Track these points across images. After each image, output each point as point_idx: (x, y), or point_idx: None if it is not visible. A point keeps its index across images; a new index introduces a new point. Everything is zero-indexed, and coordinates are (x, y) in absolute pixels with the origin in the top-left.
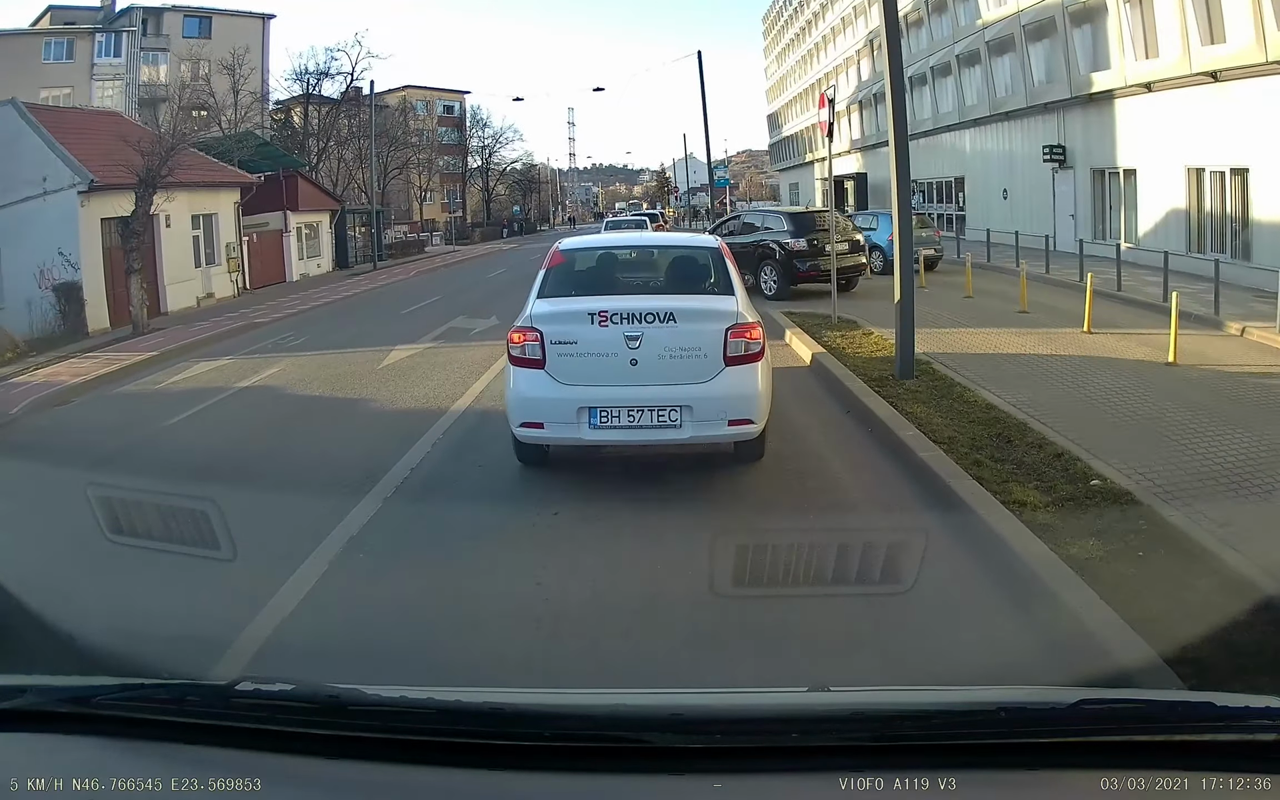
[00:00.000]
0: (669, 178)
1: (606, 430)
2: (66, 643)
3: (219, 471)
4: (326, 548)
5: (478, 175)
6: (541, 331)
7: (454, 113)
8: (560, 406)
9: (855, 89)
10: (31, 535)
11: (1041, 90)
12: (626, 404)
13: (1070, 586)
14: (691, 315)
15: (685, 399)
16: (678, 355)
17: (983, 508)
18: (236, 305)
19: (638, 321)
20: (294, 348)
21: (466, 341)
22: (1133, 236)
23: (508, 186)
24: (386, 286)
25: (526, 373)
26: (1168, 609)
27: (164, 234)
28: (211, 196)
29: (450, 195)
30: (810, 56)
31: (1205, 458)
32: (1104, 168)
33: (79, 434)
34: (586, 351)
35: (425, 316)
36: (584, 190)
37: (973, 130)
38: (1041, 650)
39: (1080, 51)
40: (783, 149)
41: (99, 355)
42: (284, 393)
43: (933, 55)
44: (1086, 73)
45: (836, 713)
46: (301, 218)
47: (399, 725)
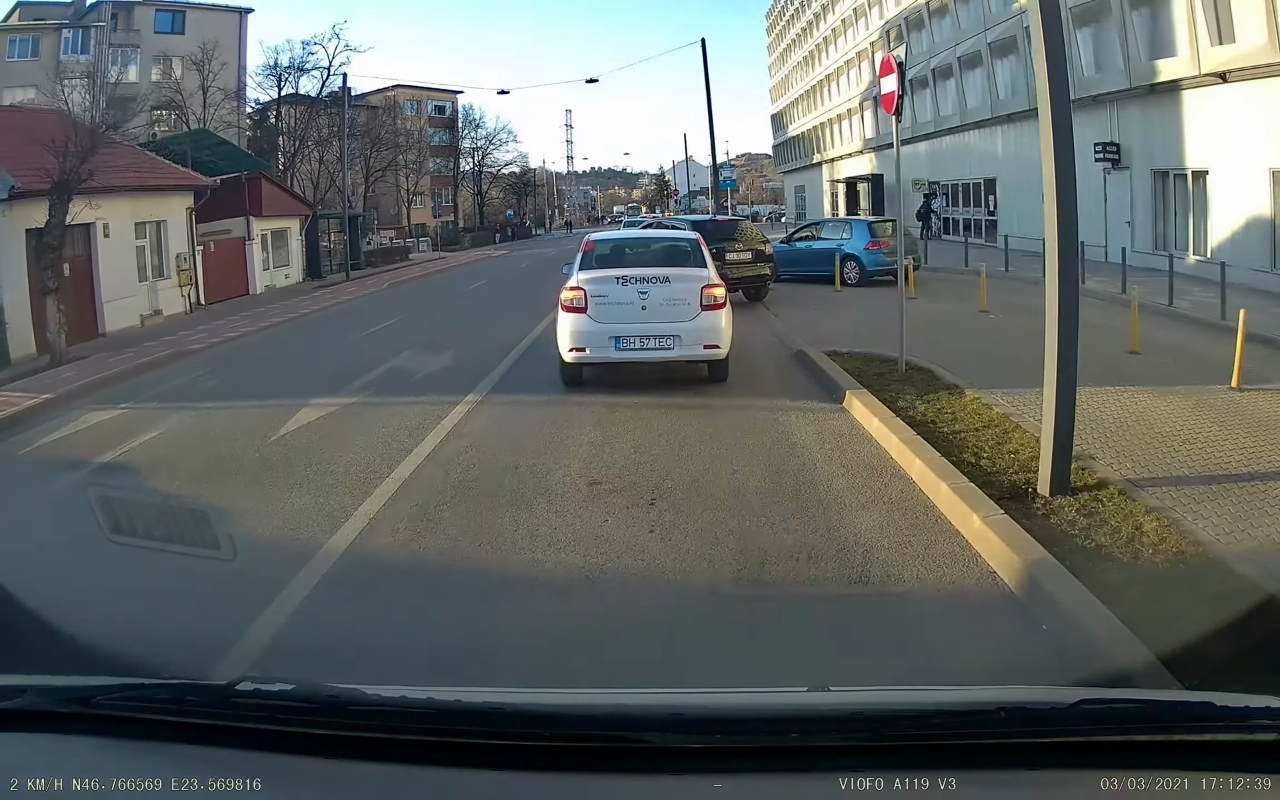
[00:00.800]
0: (668, 181)
1: (627, 351)
2: (67, 643)
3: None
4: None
5: (471, 178)
6: (585, 289)
7: (445, 113)
8: (598, 336)
9: (868, 84)
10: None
11: (1091, 81)
12: (639, 334)
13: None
14: (680, 279)
15: (676, 331)
16: (671, 303)
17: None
18: (184, 325)
19: (646, 283)
20: (199, 395)
21: (402, 395)
22: (1202, 248)
23: (501, 190)
24: (350, 303)
25: (575, 316)
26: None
27: (101, 245)
28: (159, 202)
29: (439, 198)
30: (818, 52)
31: None
32: (1167, 169)
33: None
34: (614, 302)
35: (372, 348)
36: (582, 194)
37: (1006, 127)
38: None
39: (1140, 36)
40: (788, 150)
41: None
42: (118, 490)
43: (959, 45)
44: (1147, 61)
45: (836, 713)
46: (267, 224)
47: (399, 725)
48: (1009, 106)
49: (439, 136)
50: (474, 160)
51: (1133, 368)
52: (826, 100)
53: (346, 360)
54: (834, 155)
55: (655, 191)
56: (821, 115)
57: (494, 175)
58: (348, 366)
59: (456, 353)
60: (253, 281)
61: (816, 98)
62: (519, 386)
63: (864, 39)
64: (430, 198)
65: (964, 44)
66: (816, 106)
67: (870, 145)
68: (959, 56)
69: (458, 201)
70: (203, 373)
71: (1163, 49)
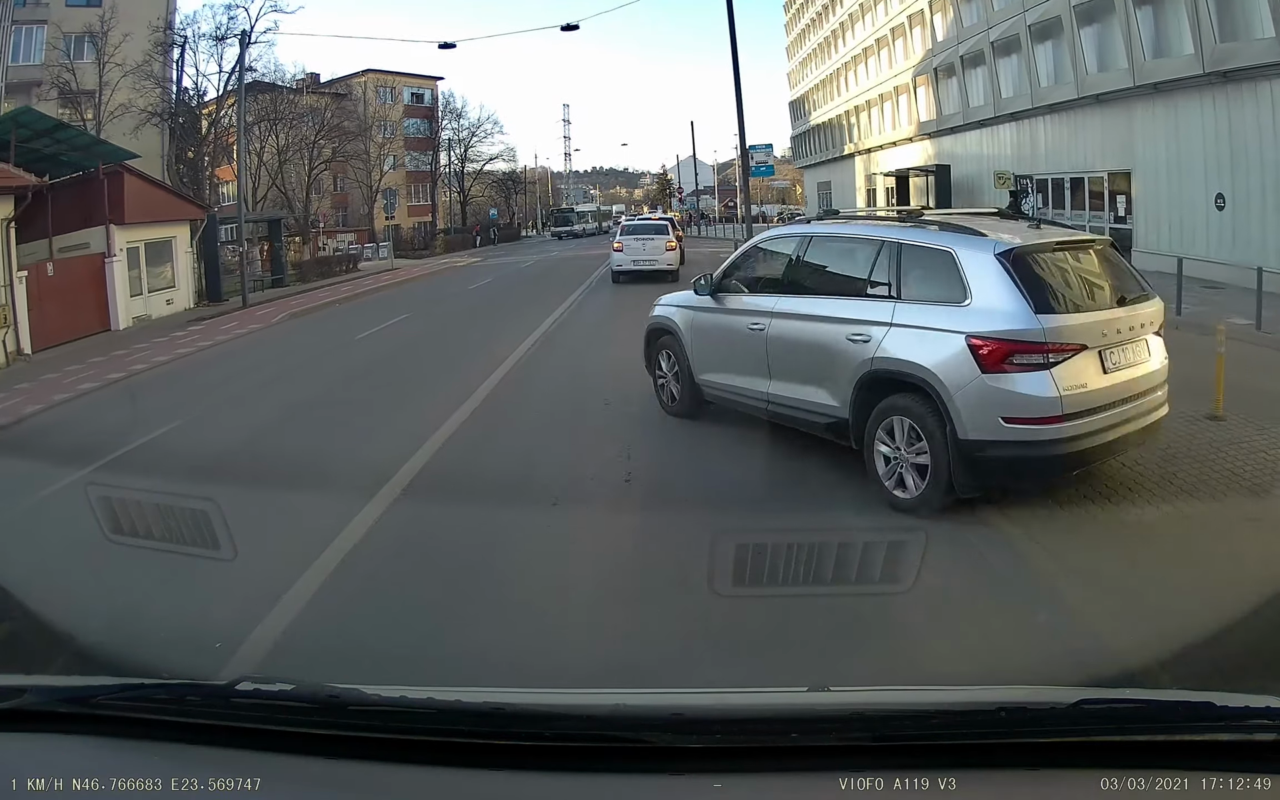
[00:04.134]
0: (670, 179)
1: (637, 267)
2: (67, 642)
3: None
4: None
5: (454, 174)
6: (622, 242)
7: (423, 101)
8: (625, 261)
9: (925, 55)
10: None
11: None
12: (641, 259)
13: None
14: (658, 238)
15: (655, 259)
16: (654, 247)
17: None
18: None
19: (643, 239)
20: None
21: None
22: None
23: (486, 187)
24: (208, 353)
25: (618, 253)
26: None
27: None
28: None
29: (417, 195)
30: (850, 22)
31: None
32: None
33: None
34: (631, 245)
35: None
36: (581, 193)
37: (1149, 101)
38: None
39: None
40: (809, 142)
41: None
42: None
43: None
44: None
45: (836, 713)
46: (138, 234)
47: (399, 725)
48: (1159, 73)
49: (416, 126)
50: (455, 154)
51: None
52: (862, 80)
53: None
54: (872, 144)
55: (657, 190)
56: (855, 97)
57: (478, 171)
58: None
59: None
60: (115, 313)
61: (847, 78)
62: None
63: (911, 2)
64: (409, 196)
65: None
66: (847, 89)
67: (928, 130)
68: (1074, 4)
69: (436, 199)
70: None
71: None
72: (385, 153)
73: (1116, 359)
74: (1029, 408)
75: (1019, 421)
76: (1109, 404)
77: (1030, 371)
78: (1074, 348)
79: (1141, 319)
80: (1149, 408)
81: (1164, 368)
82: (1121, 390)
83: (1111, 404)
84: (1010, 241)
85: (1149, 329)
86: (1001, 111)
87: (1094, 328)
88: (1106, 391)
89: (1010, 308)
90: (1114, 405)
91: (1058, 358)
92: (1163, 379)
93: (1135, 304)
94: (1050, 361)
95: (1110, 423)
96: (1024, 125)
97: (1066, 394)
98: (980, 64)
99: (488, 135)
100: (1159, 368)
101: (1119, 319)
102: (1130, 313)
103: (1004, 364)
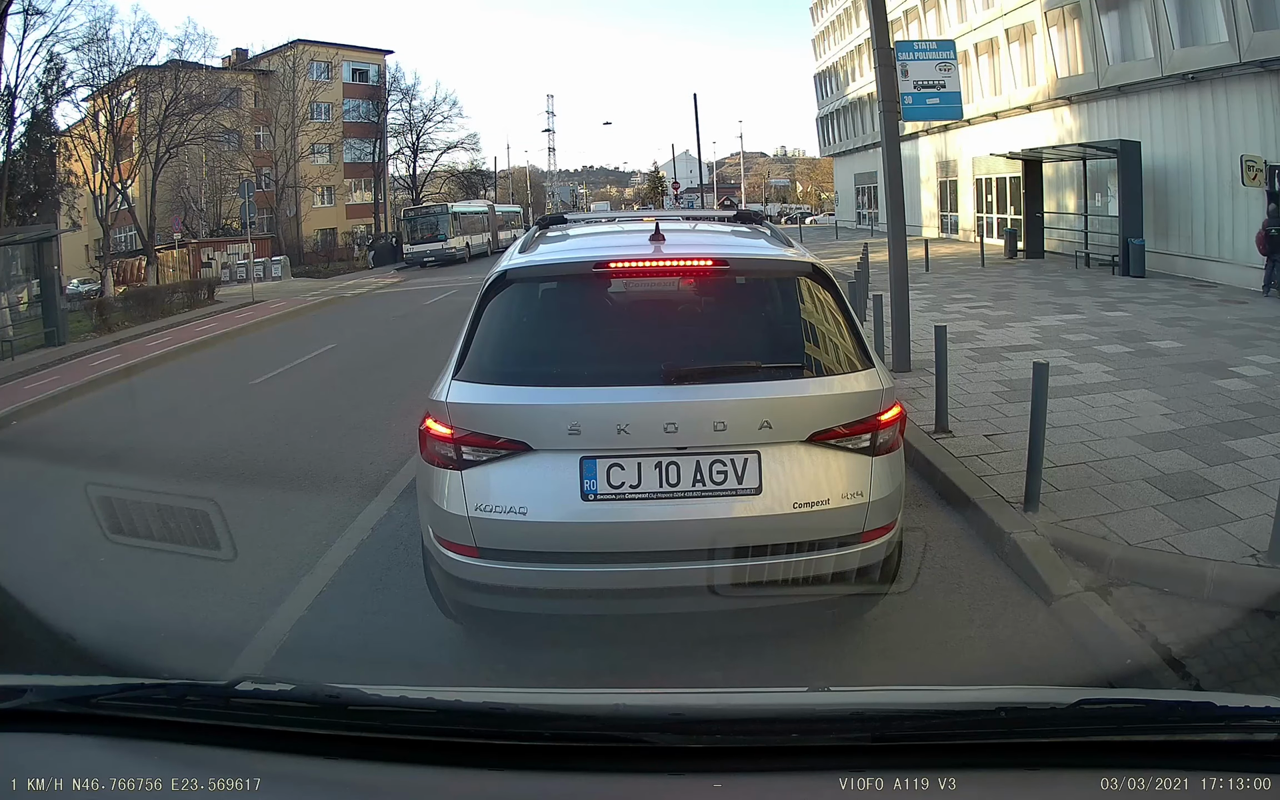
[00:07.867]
0: (662, 176)
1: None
2: (66, 642)
3: None
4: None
5: (406, 163)
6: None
7: (368, 79)
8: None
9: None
10: None
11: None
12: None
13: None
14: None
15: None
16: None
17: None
18: None
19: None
20: None
21: None
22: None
23: (445, 182)
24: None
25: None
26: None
27: None
28: None
29: (358, 193)
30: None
31: None
32: None
33: None
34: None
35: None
36: (567, 192)
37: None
38: None
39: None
40: (842, 123)
41: None
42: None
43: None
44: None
45: (836, 713)
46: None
47: (399, 725)
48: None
49: (357, 109)
50: (407, 140)
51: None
52: (931, 29)
53: None
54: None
55: (648, 190)
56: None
57: (434, 163)
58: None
59: None
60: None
61: (908, 29)
62: None
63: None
64: (346, 194)
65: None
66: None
67: (1065, 94)
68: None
69: (380, 198)
70: None
71: None
72: (300, 135)
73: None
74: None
75: None
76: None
77: None
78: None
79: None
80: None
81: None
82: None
83: None
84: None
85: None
86: (1249, 58)
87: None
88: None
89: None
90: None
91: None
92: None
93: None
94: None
95: None
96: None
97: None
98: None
99: (445, 119)
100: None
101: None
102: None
103: None
